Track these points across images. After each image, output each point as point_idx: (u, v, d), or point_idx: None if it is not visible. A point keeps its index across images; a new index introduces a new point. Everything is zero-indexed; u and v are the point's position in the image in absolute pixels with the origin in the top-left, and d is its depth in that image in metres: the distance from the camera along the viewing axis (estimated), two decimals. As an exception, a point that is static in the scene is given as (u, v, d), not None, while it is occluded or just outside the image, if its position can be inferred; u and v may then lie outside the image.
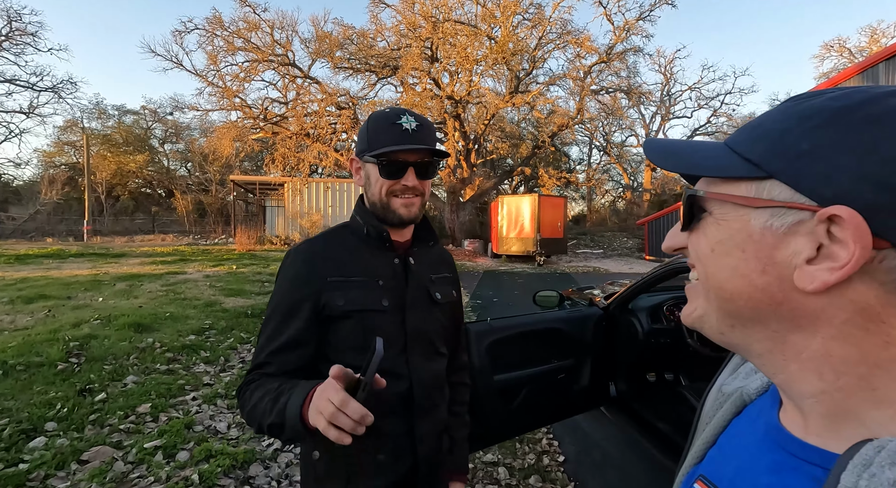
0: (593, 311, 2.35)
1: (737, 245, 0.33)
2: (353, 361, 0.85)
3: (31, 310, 4.95)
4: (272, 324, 0.91)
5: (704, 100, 30.55)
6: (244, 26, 18.70)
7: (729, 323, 0.36)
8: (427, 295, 1.00)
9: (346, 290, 0.91)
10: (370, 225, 0.95)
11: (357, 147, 0.96)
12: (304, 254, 0.93)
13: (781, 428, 0.36)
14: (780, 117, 0.33)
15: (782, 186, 0.31)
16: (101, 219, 24.62)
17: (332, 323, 0.91)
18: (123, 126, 29.16)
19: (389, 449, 0.92)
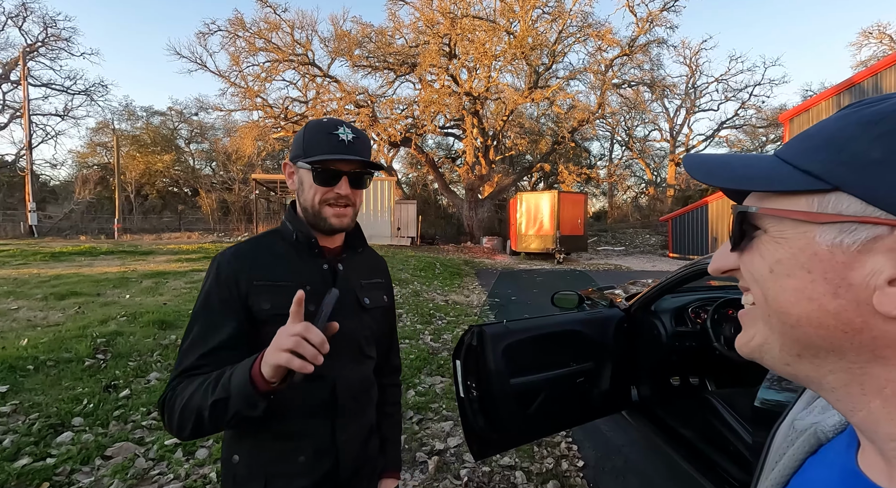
0: (614, 313, 2.27)
1: (801, 265, 0.30)
2: None
3: (63, 306, 5.13)
4: (200, 326, 0.88)
5: (732, 92, 29.57)
6: (265, 27, 19.00)
7: (796, 352, 0.32)
8: (356, 300, 1.01)
9: (272, 294, 0.91)
10: (299, 231, 0.97)
11: (292, 152, 0.97)
12: (230, 257, 0.93)
13: (860, 473, 0.32)
14: (841, 124, 0.30)
15: (851, 199, 0.28)
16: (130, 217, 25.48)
17: (260, 327, 0.90)
18: (151, 127, 30.08)
19: (310, 450, 0.92)
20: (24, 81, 20.96)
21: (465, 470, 2.51)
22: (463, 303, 7.55)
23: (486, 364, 1.84)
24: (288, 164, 0.98)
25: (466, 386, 1.91)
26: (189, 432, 0.80)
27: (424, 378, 3.86)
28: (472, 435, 1.90)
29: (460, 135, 22.56)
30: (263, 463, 0.91)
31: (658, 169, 32.16)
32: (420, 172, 27.78)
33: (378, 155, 20.68)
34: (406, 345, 4.75)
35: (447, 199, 24.47)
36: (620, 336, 2.22)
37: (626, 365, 2.22)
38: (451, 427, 2.99)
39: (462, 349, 1.89)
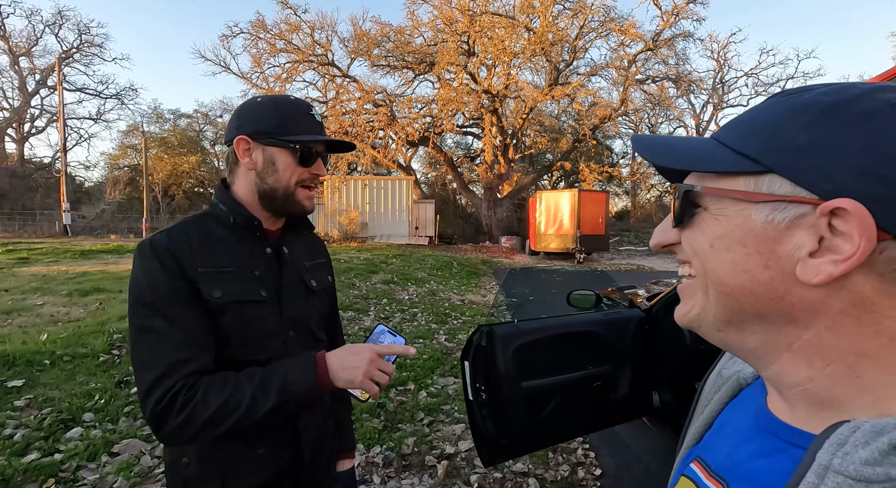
0: (634, 313, 2.13)
1: (737, 240, 0.33)
2: (228, 356, 0.84)
3: (86, 302, 5.25)
4: (160, 322, 0.78)
5: (763, 86, 28.43)
6: (286, 28, 19.28)
7: (727, 318, 0.36)
8: (302, 283, 0.97)
9: (220, 281, 0.85)
10: (237, 213, 0.89)
11: (251, 127, 0.87)
12: (161, 246, 0.82)
13: (768, 412, 0.38)
14: (772, 112, 0.33)
15: (782, 180, 0.31)
16: (157, 216, 26.27)
17: (215, 317, 0.84)
18: (178, 129, 30.95)
19: (270, 442, 0.89)
20: (60, 87, 21.84)
21: (476, 475, 2.41)
22: (479, 303, 7.43)
23: (495, 366, 1.74)
24: (244, 140, 0.88)
25: (475, 388, 1.81)
26: (224, 430, 0.76)
27: (437, 379, 3.76)
28: (482, 441, 1.80)
29: (479, 133, 22.41)
30: (218, 461, 0.86)
31: (683, 167, 31.24)
32: (438, 172, 27.74)
33: (396, 154, 20.73)
34: (420, 344, 4.67)
35: (466, 199, 24.35)
36: (641, 338, 2.08)
37: (647, 368, 2.08)
38: (462, 430, 2.88)
39: (471, 350, 1.79)
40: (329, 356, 0.83)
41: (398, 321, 5.68)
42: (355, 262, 9.62)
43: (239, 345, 0.86)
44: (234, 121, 0.89)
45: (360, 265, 9.31)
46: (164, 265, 0.81)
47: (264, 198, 0.90)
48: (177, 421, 0.75)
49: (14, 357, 3.16)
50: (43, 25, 26.00)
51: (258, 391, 0.77)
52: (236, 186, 0.92)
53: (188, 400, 0.76)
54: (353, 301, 6.31)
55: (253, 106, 0.89)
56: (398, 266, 9.93)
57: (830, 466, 0.28)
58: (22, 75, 26.42)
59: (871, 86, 0.30)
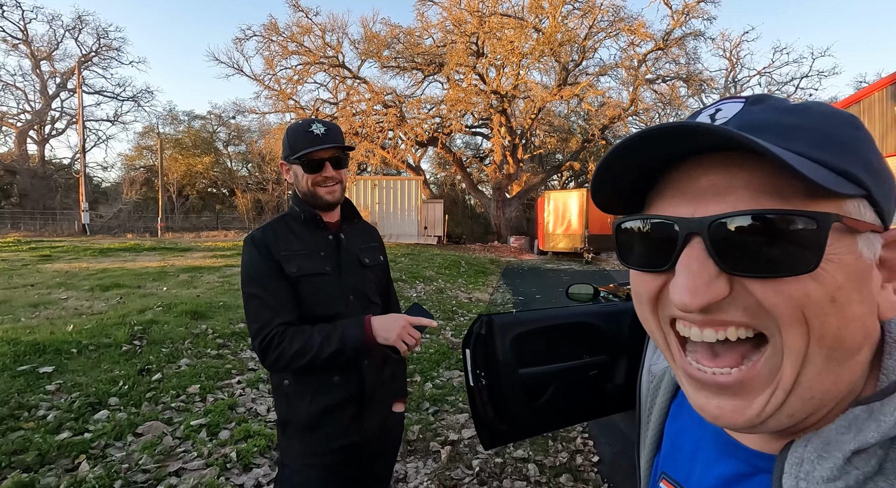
0: (630, 306, 2.21)
1: (854, 285, 0.26)
2: (310, 313, 1.20)
3: (107, 297, 5.47)
4: (265, 288, 1.16)
5: (776, 85, 28.02)
6: (297, 30, 19.55)
7: (809, 396, 0.28)
8: (357, 260, 1.30)
9: (295, 260, 1.19)
10: (305, 211, 1.24)
11: (283, 155, 1.25)
12: (258, 238, 1.20)
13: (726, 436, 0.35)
14: (835, 123, 0.28)
15: (869, 207, 0.26)
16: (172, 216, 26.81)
17: (293, 285, 1.19)
18: (192, 130, 31.53)
19: (343, 374, 1.21)
20: (79, 89, 22.42)
21: (478, 460, 2.52)
22: (486, 301, 7.53)
23: (494, 353, 1.84)
24: (283, 164, 1.27)
25: (476, 375, 1.92)
26: (303, 363, 1.11)
27: (443, 371, 3.88)
28: (482, 425, 1.91)
29: (488, 134, 22.48)
30: (308, 383, 1.20)
31: (694, 167, 30.90)
32: (448, 172, 27.86)
33: (406, 154, 20.89)
34: (426, 339, 4.79)
35: (475, 199, 24.43)
36: (637, 329, 2.17)
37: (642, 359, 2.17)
38: (465, 419, 3.00)
39: (471, 338, 1.90)
40: (374, 319, 1.16)
41: (406, 317, 5.80)
42: (365, 261, 9.75)
43: (313, 306, 1.20)
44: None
45: (369, 263, 9.43)
46: (260, 251, 1.18)
47: (305, 199, 1.24)
48: (273, 355, 1.11)
49: (44, 345, 3.34)
50: (63, 30, 26.73)
51: (325, 340, 1.11)
52: (298, 194, 1.27)
53: (280, 342, 1.12)
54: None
55: (284, 136, 1.25)
56: (407, 264, 10.06)
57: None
58: (43, 78, 27.16)
59: None
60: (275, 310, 1.14)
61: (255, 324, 1.15)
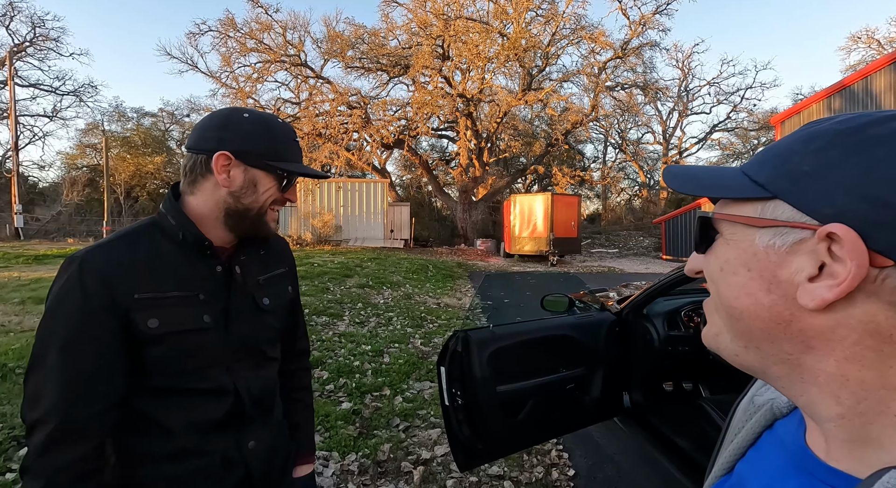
0: (605, 317, 2.19)
1: (743, 263, 0.34)
2: (167, 385, 0.81)
3: (41, 311, 4.96)
4: (69, 356, 0.73)
5: (724, 95, 29.78)
6: (257, 27, 18.87)
7: (743, 343, 0.36)
8: (253, 303, 0.91)
9: (160, 308, 0.78)
10: (187, 230, 0.83)
11: (238, 144, 0.82)
12: (99, 267, 0.75)
13: (807, 449, 0.36)
14: (788, 141, 0.34)
15: (785, 206, 0.32)
16: (119, 219, 25.15)
17: (140, 347, 0.78)
18: (142, 128, 29.74)
19: (217, 466, 0.85)
20: (11, 82, 20.66)
21: (452, 480, 2.41)
22: (455, 306, 7.45)
23: (471, 371, 1.75)
24: (226, 156, 0.81)
25: (451, 393, 1.82)
26: None
27: (413, 383, 3.75)
28: (458, 445, 1.81)
29: (454, 137, 22.51)
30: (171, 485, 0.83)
31: (651, 171, 32.28)
32: (414, 174, 27.69)
33: (371, 156, 20.56)
34: (395, 349, 4.64)
35: (441, 201, 24.39)
36: (612, 340, 2.14)
37: (617, 370, 2.14)
38: (438, 435, 2.89)
39: (447, 355, 1.80)
40: None
41: (373, 325, 5.63)
42: (329, 266, 9.48)
43: (176, 375, 0.81)
44: (215, 131, 0.82)
45: (334, 269, 9.18)
46: (88, 295, 0.73)
47: (233, 216, 0.84)
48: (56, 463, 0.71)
49: (-40, 370, 2.97)
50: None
51: None
52: (194, 199, 0.84)
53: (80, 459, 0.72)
54: (328, 305, 6.22)
55: (241, 122, 0.83)
56: (373, 269, 9.84)
57: None
58: (-32, 69, 24.82)
59: (884, 114, 0.30)
60: (84, 393, 0.73)
61: (42, 401, 0.72)
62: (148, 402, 0.81)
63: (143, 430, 0.81)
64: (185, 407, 0.82)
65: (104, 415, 0.76)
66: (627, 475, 2.47)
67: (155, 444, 0.81)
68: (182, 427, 0.82)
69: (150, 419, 0.81)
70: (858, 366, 0.30)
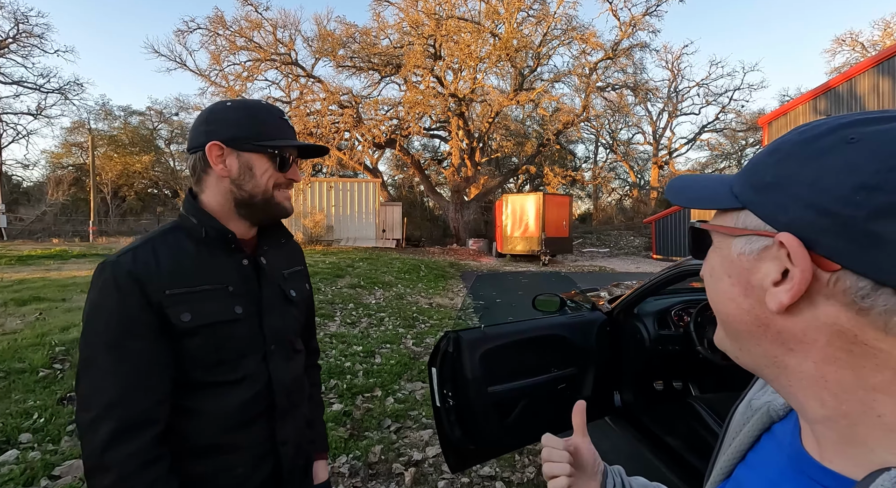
0: (596, 316, 2.19)
1: (725, 270, 0.36)
2: (202, 378, 0.83)
3: (23, 312, 4.87)
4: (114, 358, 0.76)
5: (713, 96, 30.12)
6: (246, 25, 18.68)
7: (737, 345, 0.37)
8: (282, 294, 0.95)
9: (191, 303, 0.81)
10: (209, 226, 0.85)
11: (224, 132, 0.84)
12: (129, 265, 0.78)
13: (803, 451, 0.37)
14: (761, 153, 0.36)
15: (752, 216, 0.34)
16: (106, 219, 24.76)
17: (175, 342, 0.81)
18: (129, 127, 29.28)
19: (249, 460, 0.88)
20: (-6, 79, 20.20)
21: (444, 481, 2.40)
22: (447, 306, 7.44)
23: (462, 372, 1.75)
24: (218, 146, 0.84)
25: (443, 395, 1.81)
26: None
27: (404, 384, 3.74)
28: (449, 447, 1.81)
29: (446, 136, 22.49)
30: (195, 483, 0.83)
31: (641, 171, 32.56)
32: (406, 174, 27.62)
33: (363, 156, 20.48)
34: (387, 349, 4.62)
35: (433, 201, 24.36)
36: (603, 340, 2.14)
37: (608, 369, 2.14)
38: (429, 436, 2.87)
39: (438, 356, 1.79)
40: None
41: (365, 326, 5.60)
42: (321, 266, 9.41)
43: (212, 366, 0.84)
44: (202, 126, 0.85)
45: (325, 269, 9.11)
46: (124, 294, 0.77)
47: (242, 205, 0.87)
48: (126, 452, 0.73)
49: (-61, 375, 2.89)
50: (-26, 12, 23.96)
51: None
52: (206, 196, 0.87)
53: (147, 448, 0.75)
54: (319, 306, 6.17)
55: (224, 111, 0.86)
56: (365, 269, 9.79)
57: None
58: (-51, 65, 24.25)
59: (842, 120, 0.31)
60: (138, 385, 0.76)
61: (82, 411, 0.75)
62: (184, 397, 0.82)
63: (175, 427, 0.82)
64: (220, 398, 0.84)
65: (158, 407, 0.78)
66: (618, 474, 2.48)
67: (189, 439, 0.83)
68: (217, 419, 0.84)
69: (185, 413, 0.83)
70: (834, 368, 0.31)
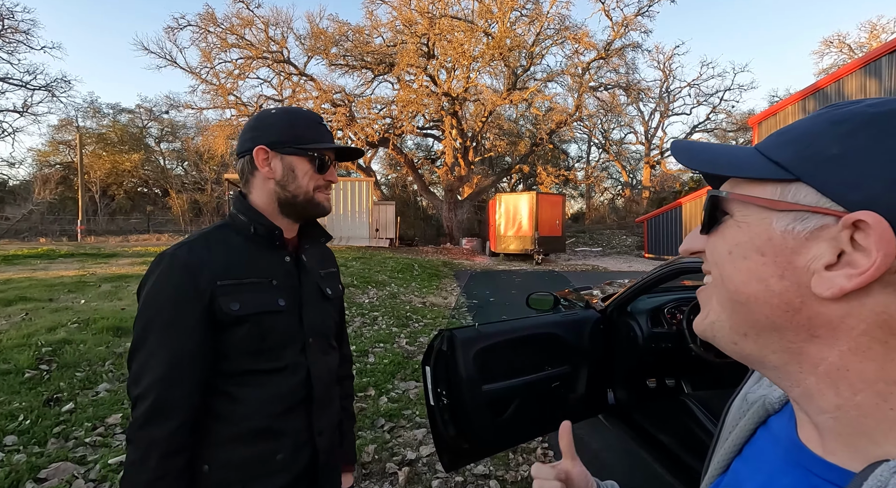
0: (590, 314, 2.19)
1: (756, 248, 0.33)
2: (247, 366, 0.88)
3: (9, 313, 4.78)
4: (167, 341, 0.82)
5: (703, 96, 30.41)
6: (238, 23, 18.52)
7: (743, 331, 0.34)
8: (319, 291, 1.01)
9: (239, 294, 0.87)
10: (257, 223, 0.92)
11: (269, 137, 0.92)
12: (185, 258, 0.85)
13: (799, 444, 0.36)
14: (812, 122, 0.32)
15: (808, 189, 0.30)
16: (95, 218, 24.41)
17: (223, 330, 0.86)
18: (118, 125, 28.88)
19: (289, 447, 0.92)
20: (-21, 75, 19.80)
21: (438, 480, 2.39)
22: (441, 305, 7.43)
23: (456, 370, 1.74)
24: (264, 151, 0.92)
25: (437, 393, 1.80)
26: None
27: (398, 383, 3.72)
28: (443, 446, 1.80)
29: (439, 136, 22.47)
30: (239, 467, 0.88)
31: (634, 171, 32.79)
32: (399, 173, 27.56)
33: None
34: (380, 349, 4.60)
35: (426, 200, 24.34)
36: (597, 338, 2.14)
37: (602, 367, 2.15)
38: (423, 435, 2.86)
39: (432, 355, 1.78)
40: None
41: (358, 325, 5.57)
42: (313, 266, 9.34)
43: (256, 354, 0.89)
44: (249, 132, 0.93)
45: (318, 268, 9.05)
46: (180, 282, 0.83)
47: (285, 205, 0.94)
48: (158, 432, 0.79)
49: (-80, 376, 2.82)
50: (-43, 8, 23.47)
51: None
52: (253, 196, 0.95)
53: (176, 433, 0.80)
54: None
55: (269, 117, 0.94)
56: (358, 269, 9.75)
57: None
58: (-67, 61, 23.76)
59: None
60: (181, 367, 0.81)
61: (133, 386, 0.81)
62: (227, 384, 0.87)
63: (220, 413, 0.87)
64: (262, 386, 0.89)
65: (192, 395, 0.83)
66: (611, 471, 2.49)
67: (233, 424, 0.87)
68: (258, 406, 0.88)
69: (228, 400, 0.87)
70: (861, 358, 0.29)
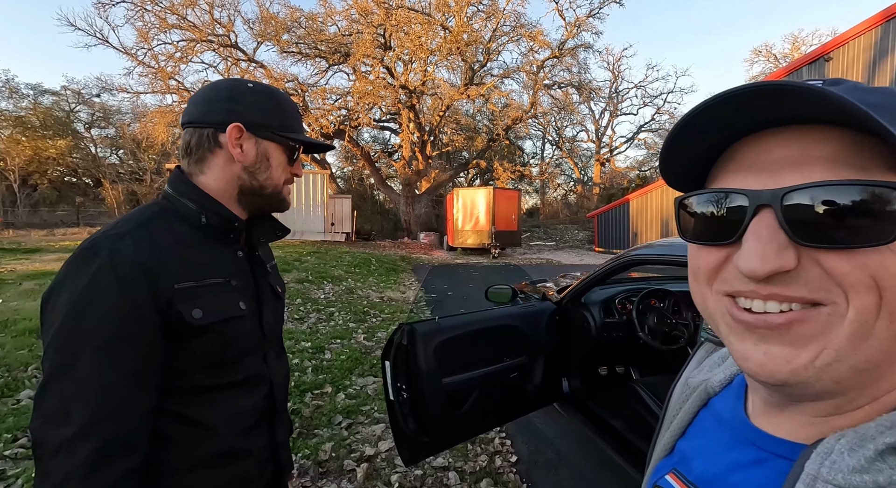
0: (546, 306, 2.26)
1: None
2: (203, 382, 0.74)
3: None
4: (104, 373, 0.62)
5: (649, 98, 32.00)
6: (179, 2, 17.30)
7: (862, 367, 0.28)
8: (271, 289, 0.89)
9: (200, 298, 0.72)
10: (211, 212, 0.76)
11: (250, 116, 0.77)
12: (130, 255, 0.66)
13: (748, 422, 0.36)
14: None
15: None
16: (14, 210, 22.14)
17: (179, 342, 0.70)
18: (40, 107, 26.25)
19: (255, 465, 0.82)
20: None
21: (397, 475, 2.38)
22: (399, 300, 7.38)
23: (416, 364, 1.73)
24: (239, 128, 0.76)
25: (396, 388, 1.78)
26: None
27: (356, 379, 3.66)
28: (403, 440, 1.79)
29: (396, 129, 22.21)
30: None
31: (585, 168, 34.00)
32: (355, 166, 27.01)
33: (310, 147, 19.76)
34: (337, 345, 4.51)
35: (384, 194, 24.04)
36: (553, 328, 2.21)
37: (557, 357, 2.22)
38: (382, 430, 2.84)
39: (392, 349, 1.76)
40: None
41: (314, 321, 5.43)
42: (265, 261, 8.99)
43: (215, 367, 0.75)
44: (224, 103, 0.76)
45: (270, 264, 8.72)
46: (126, 287, 0.64)
47: (247, 194, 0.80)
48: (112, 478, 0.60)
49: None
50: None
51: None
52: (205, 178, 0.78)
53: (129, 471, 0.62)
54: (263, 302, 5.89)
55: (250, 93, 0.79)
56: (313, 263, 9.48)
57: (819, 475, 0.27)
58: None
59: None
60: (128, 397, 0.64)
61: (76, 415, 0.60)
62: (183, 404, 0.72)
63: (175, 437, 0.72)
64: (224, 403, 0.76)
65: (147, 423, 0.66)
66: (566, 457, 2.59)
67: (189, 451, 0.73)
68: (220, 427, 0.75)
69: (183, 423, 0.72)
70: None
